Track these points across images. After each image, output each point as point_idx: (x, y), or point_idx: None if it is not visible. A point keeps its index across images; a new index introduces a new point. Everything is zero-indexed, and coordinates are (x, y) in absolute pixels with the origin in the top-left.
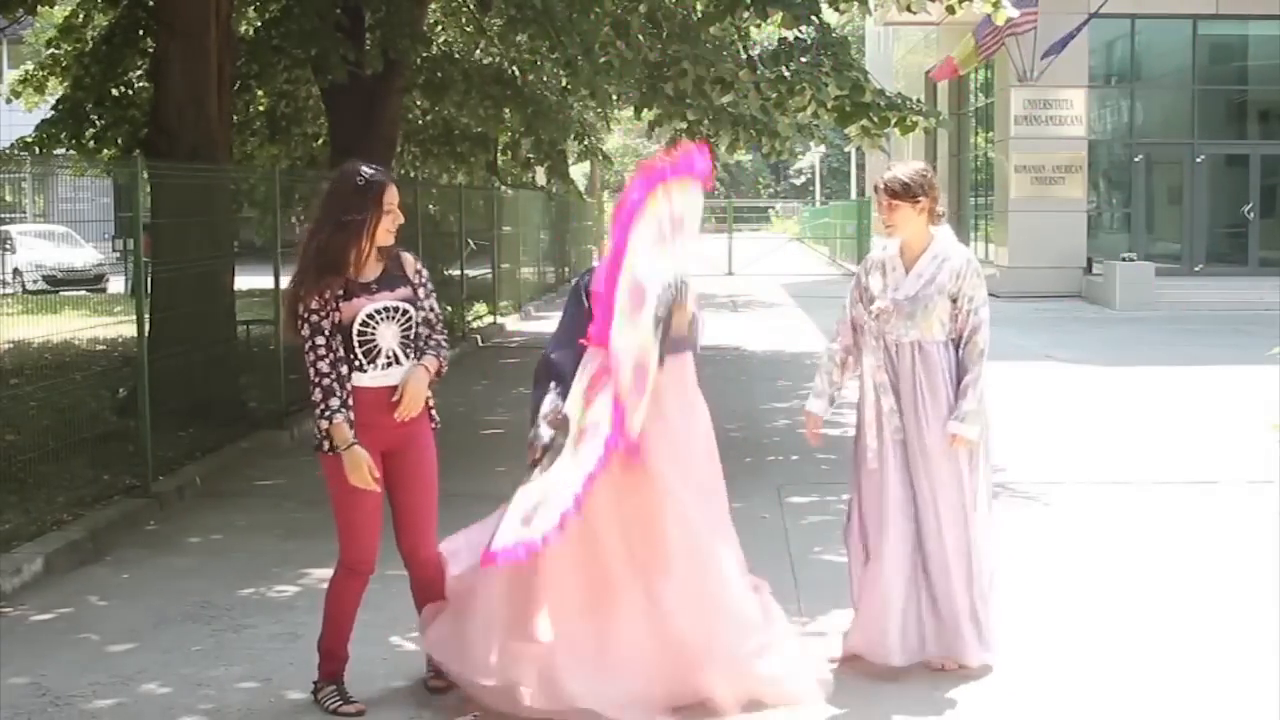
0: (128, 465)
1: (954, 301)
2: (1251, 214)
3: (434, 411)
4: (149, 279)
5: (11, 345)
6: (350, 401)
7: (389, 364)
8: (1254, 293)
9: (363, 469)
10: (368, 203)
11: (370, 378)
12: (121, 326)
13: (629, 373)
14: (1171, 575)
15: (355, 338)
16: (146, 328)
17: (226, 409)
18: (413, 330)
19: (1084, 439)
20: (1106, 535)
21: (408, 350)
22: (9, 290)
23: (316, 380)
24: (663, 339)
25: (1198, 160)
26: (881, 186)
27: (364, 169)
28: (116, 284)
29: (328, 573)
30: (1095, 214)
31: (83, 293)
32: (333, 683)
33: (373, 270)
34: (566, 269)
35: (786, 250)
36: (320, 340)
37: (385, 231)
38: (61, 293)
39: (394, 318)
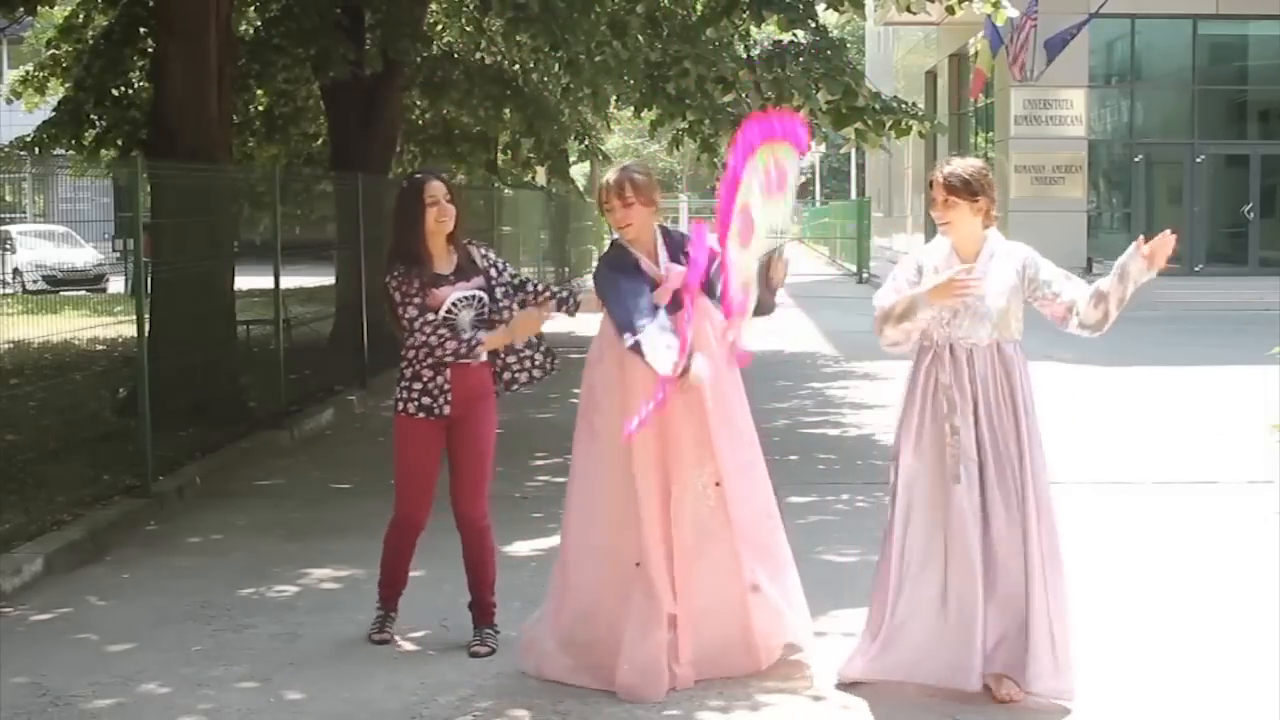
0: (128, 465)
1: (1035, 291)
2: (1251, 214)
3: (518, 376)
4: (149, 279)
5: (11, 345)
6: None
7: (468, 358)
8: (1254, 293)
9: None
10: (410, 202)
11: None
12: (121, 326)
13: (739, 287)
14: (1171, 575)
15: (439, 326)
16: (146, 328)
17: (226, 409)
18: (486, 311)
19: (1084, 439)
20: (1106, 535)
21: (480, 355)
22: (9, 290)
23: (438, 341)
24: (759, 282)
25: (1198, 160)
26: (940, 181)
27: (414, 175)
28: (116, 284)
29: (328, 572)
30: (1095, 214)
31: (83, 293)
32: (381, 609)
33: (447, 262)
34: (566, 269)
35: (786, 250)
36: (419, 317)
37: (435, 222)
38: (61, 293)
39: (471, 304)
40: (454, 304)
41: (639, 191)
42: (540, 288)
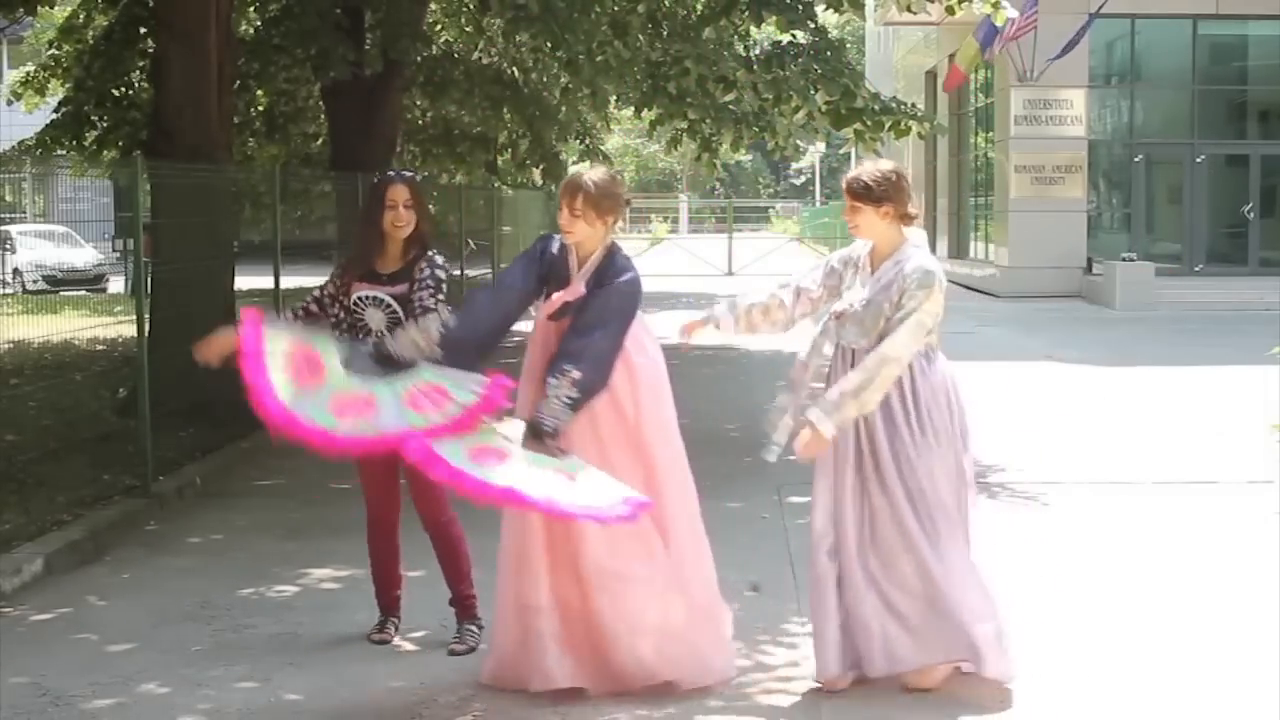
0: (128, 465)
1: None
2: (1251, 214)
3: None
4: (149, 279)
5: (11, 345)
6: (298, 312)
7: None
8: (1254, 293)
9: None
10: (373, 200)
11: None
12: (121, 326)
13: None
14: (1171, 576)
15: (350, 314)
16: (146, 328)
17: (226, 409)
18: (400, 319)
19: (1084, 439)
20: (1106, 536)
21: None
22: (9, 290)
23: (335, 325)
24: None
25: (1198, 160)
26: (844, 186)
27: (386, 173)
28: (116, 284)
29: (328, 572)
30: (1095, 214)
31: (83, 293)
32: (383, 615)
33: (392, 263)
34: None
35: (786, 250)
36: (311, 298)
37: (391, 225)
38: (61, 293)
39: (379, 305)
40: (359, 299)
41: (588, 204)
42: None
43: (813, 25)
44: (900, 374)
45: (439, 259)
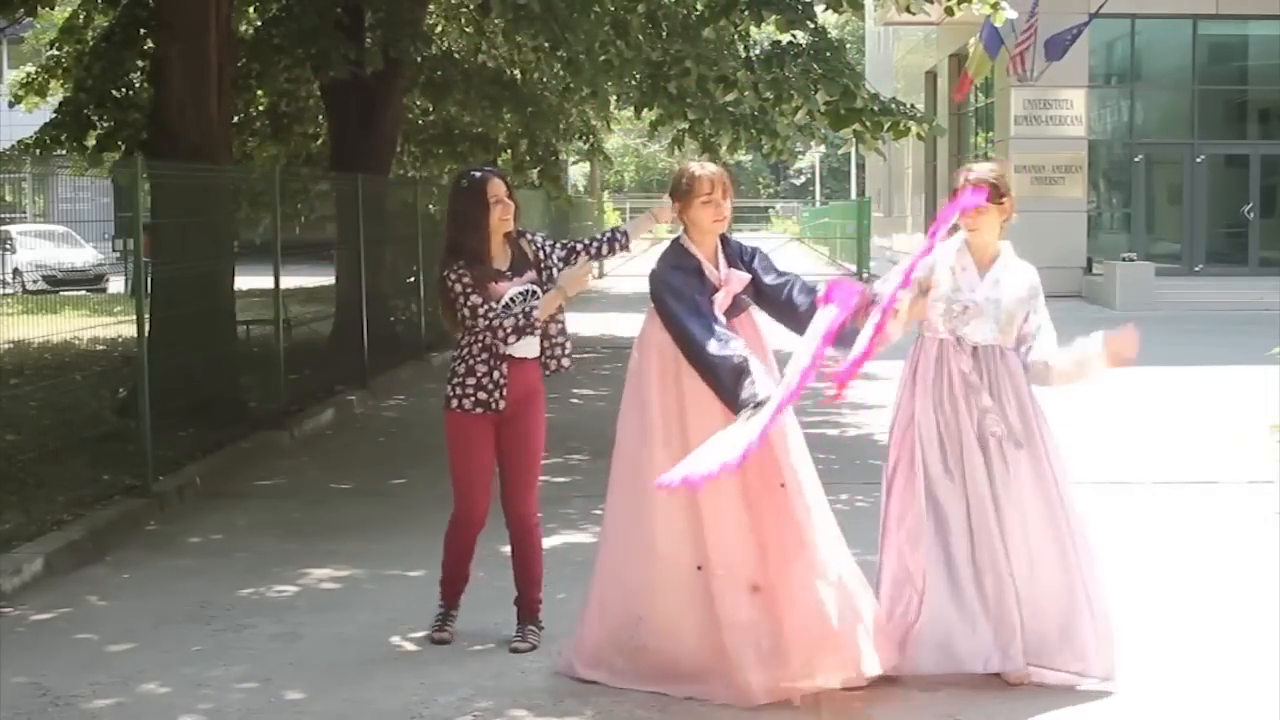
0: (128, 465)
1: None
2: (1251, 214)
3: (561, 361)
4: (149, 279)
5: (11, 345)
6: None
7: (528, 336)
8: (1254, 293)
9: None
10: (472, 200)
11: (514, 348)
12: (121, 326)
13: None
14: (1172, 576)
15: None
16: (146, 328)
17: (226, 409)
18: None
19: (1084, 439)
20: (1106, 536)
21: (538, 324)
22: (9, 290)
23: (498, 323)
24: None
25: (1198, 160)
26: (970, 186)
27: (470, 172)
28: (116, 284)
29: (328, 572)
30: (1095, 214)
31: (83, 293)
32: (443, 606)
33: (503, 258)
34: None
35: (786, 250)
36: (482, 305)
37: (499, 220)
38: (61, 293)
39: (527, 299)
40: (511, 299)
41: (729, 190)
42: (587, 242)
43: (813, 25)
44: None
45: (532, 234)
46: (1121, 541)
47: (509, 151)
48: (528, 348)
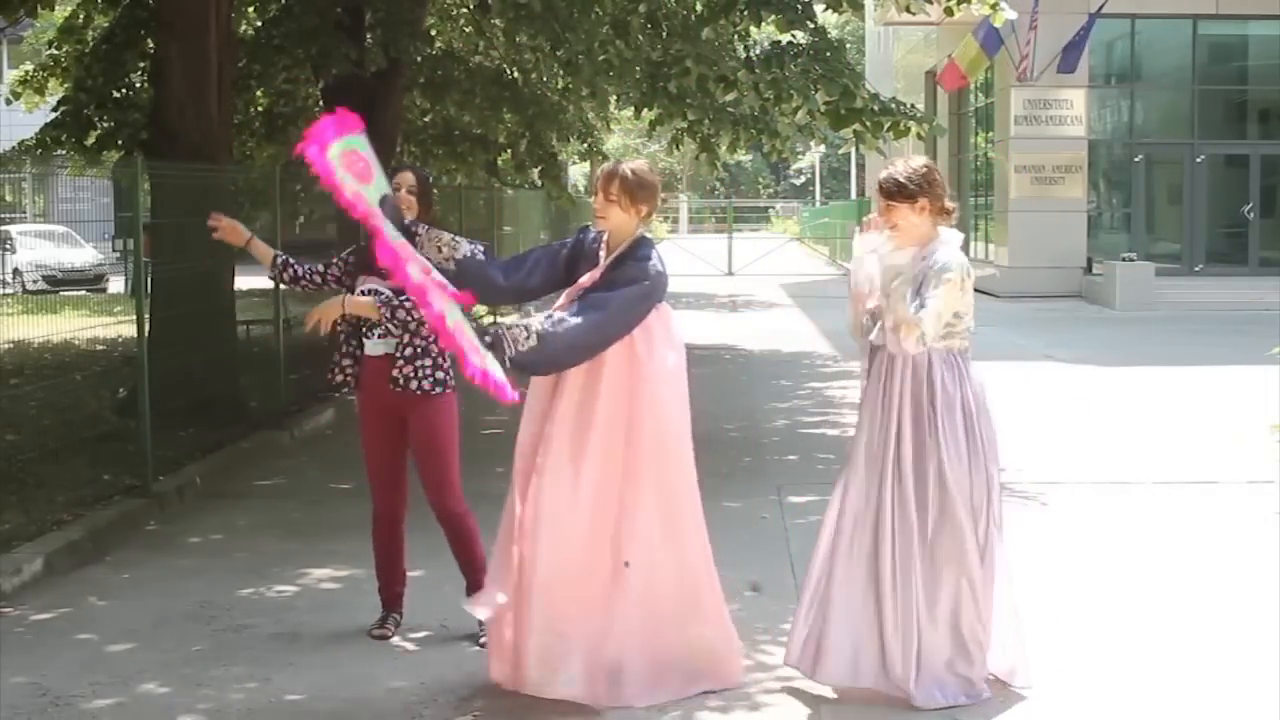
0: (128, 465)
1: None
2: (1251, 214)
3: (424, 382)
4: (149, 279)
5: (11, 345)
6: (296, 273)
7: (383, 335)
8: (1254, 293)
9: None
10: None
11: (370, 346)
12: (121, 326)
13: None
14: (1172, 575)
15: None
16: (146, 328)
17: (226, 409)
18: (404, 313)
19: (1084, 439)
20: (1106, 536)
21: (397, 326)
22: (9, 290)
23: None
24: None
25: (1198, 160)
26: (877, 187)
27: (398, 164)
28: (116, 284)
29: (328, 572)
30: (1095, 214)
31: (83, 293)
32: (384, 609)
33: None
34: None
35: (786, 250)
36: (315, 270)
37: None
38: (61, 293)
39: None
40: (362, 292)
41: (623, 190)
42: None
43: (812, 25)
44: (909, 349)
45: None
46: (1122, 541)
47: (509, 151)
48: (379, 346)
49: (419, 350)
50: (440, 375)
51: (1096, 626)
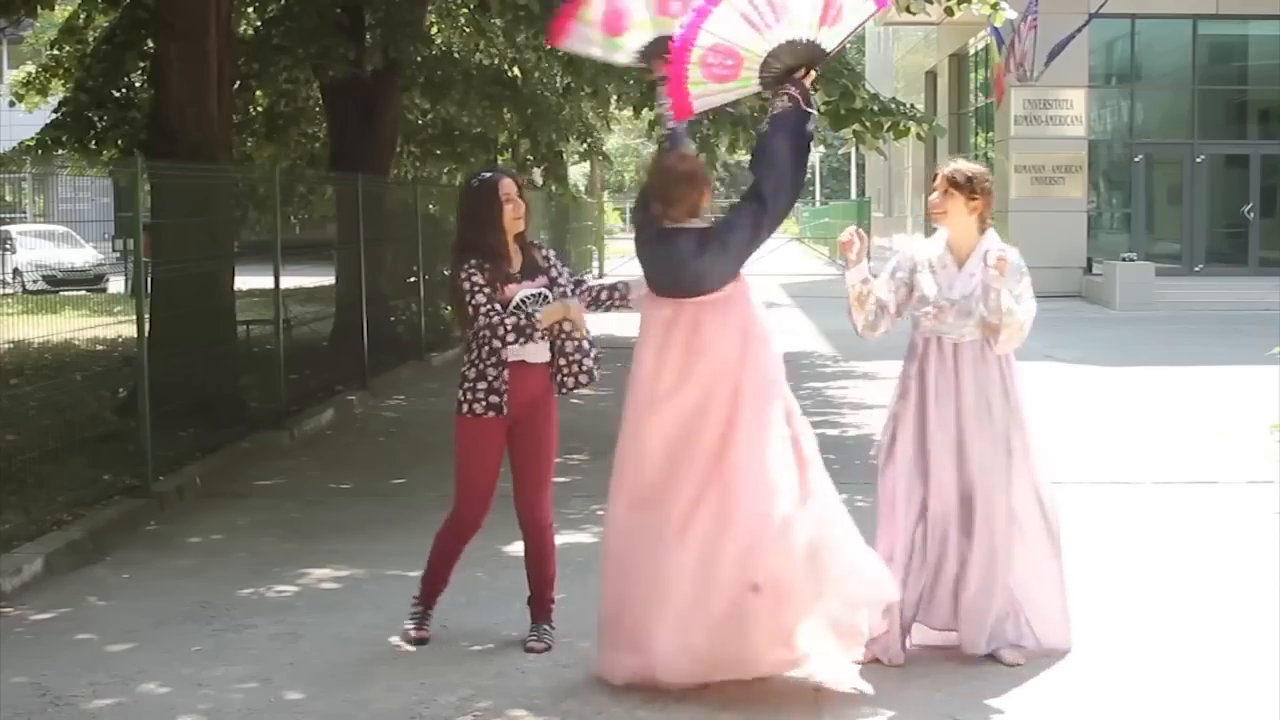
0: (128, 465)
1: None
2: (1251, 214)
3: (580, 377)
4: (149, 279)
5: (11, 345)
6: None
7: (528, 341)
8: (1254, 293)
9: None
10: (484, 200)
11: (513, 352)
12: (121, 326)
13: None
14: (1172, 575)
15: (510, 316)
16: (146, 328)
17: (226, 409)
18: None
19: (1084, 439)
20: (1106, 535)
21: (540, 329)
22: (9, 290)
23: (498, 322)
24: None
25: (1198, 160)
26: (945, 174)
27: (481, 174)
28: (116, 284)
29: (328, 572)
30: (1095, 214)
31: (83, 293)
32: (420, 604)
33: (515, 259)
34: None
35: (786, 250)
36: (485, 304)
37: (511, 219)
38: (61, 293)
39: (538, 301)
40: (522, 300)
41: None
42: (592, 286)
43: None
44: (1012, 347)
45: (544, 247)
46: (1121, 541)
47: (509, 151)
48: (534, 353)
49: (576, 346)
50: (588, 364)
51: (1097, 626)
